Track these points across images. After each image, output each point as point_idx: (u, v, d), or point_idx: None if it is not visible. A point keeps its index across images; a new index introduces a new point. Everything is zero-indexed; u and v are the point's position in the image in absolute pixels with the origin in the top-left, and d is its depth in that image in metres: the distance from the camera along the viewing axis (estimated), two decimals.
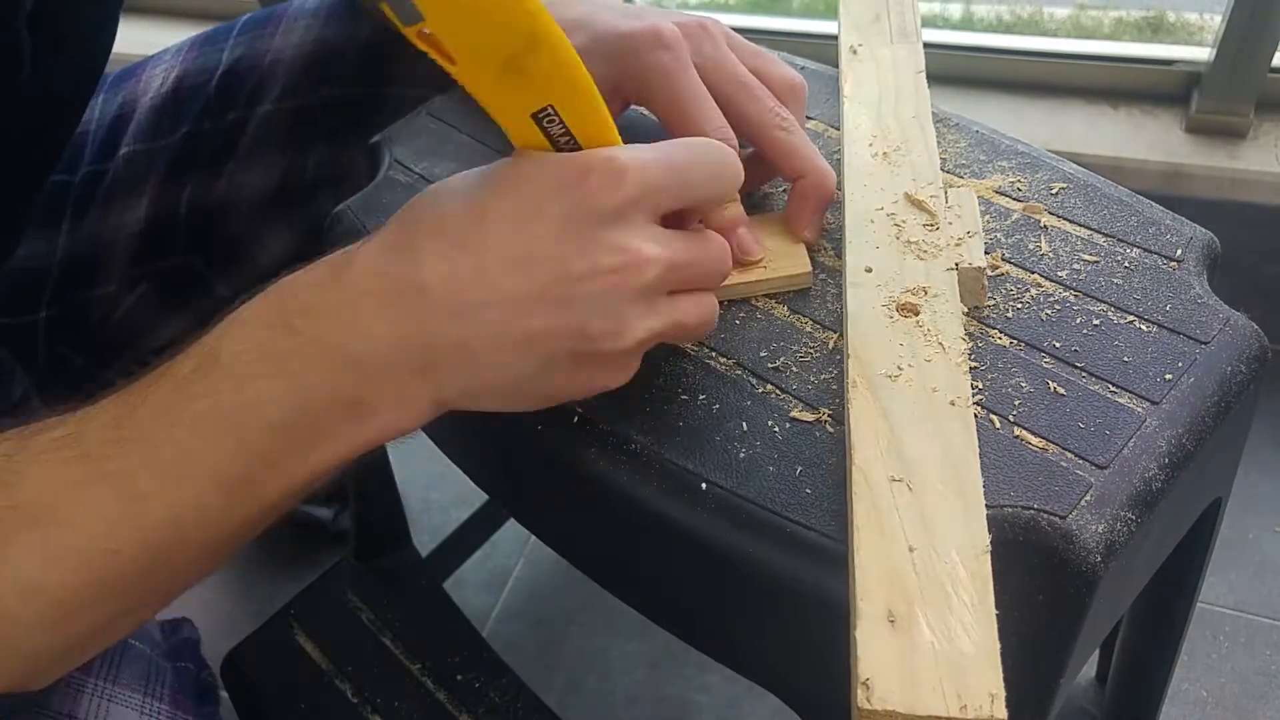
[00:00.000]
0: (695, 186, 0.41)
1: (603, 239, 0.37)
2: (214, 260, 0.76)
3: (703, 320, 0.42)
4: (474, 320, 0.37)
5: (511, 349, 0.38)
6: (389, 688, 0.68)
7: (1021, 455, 0.41)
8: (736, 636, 0.46)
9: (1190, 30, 1.37)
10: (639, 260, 0.37)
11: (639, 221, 0.38)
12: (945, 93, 1.21)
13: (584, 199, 0.37)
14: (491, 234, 0.37)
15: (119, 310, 0.76)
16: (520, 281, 0.37)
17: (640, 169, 0.38)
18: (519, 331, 0.37)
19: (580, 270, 0.37)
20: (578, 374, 0.40)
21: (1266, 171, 1.07)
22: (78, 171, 0.74)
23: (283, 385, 0.37)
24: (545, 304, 0.37)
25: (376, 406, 0.38)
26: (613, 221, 0.37)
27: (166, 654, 0.51)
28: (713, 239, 0.42)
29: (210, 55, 0.74)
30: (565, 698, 0.94)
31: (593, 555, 0.53)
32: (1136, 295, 0.47)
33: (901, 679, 0.33)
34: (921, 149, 0.53)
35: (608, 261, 0.37)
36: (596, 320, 0.38)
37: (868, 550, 0.36)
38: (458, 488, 1.12)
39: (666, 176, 0.39)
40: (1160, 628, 0.62)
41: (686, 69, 0.50)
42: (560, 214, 0.37)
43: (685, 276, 0.40)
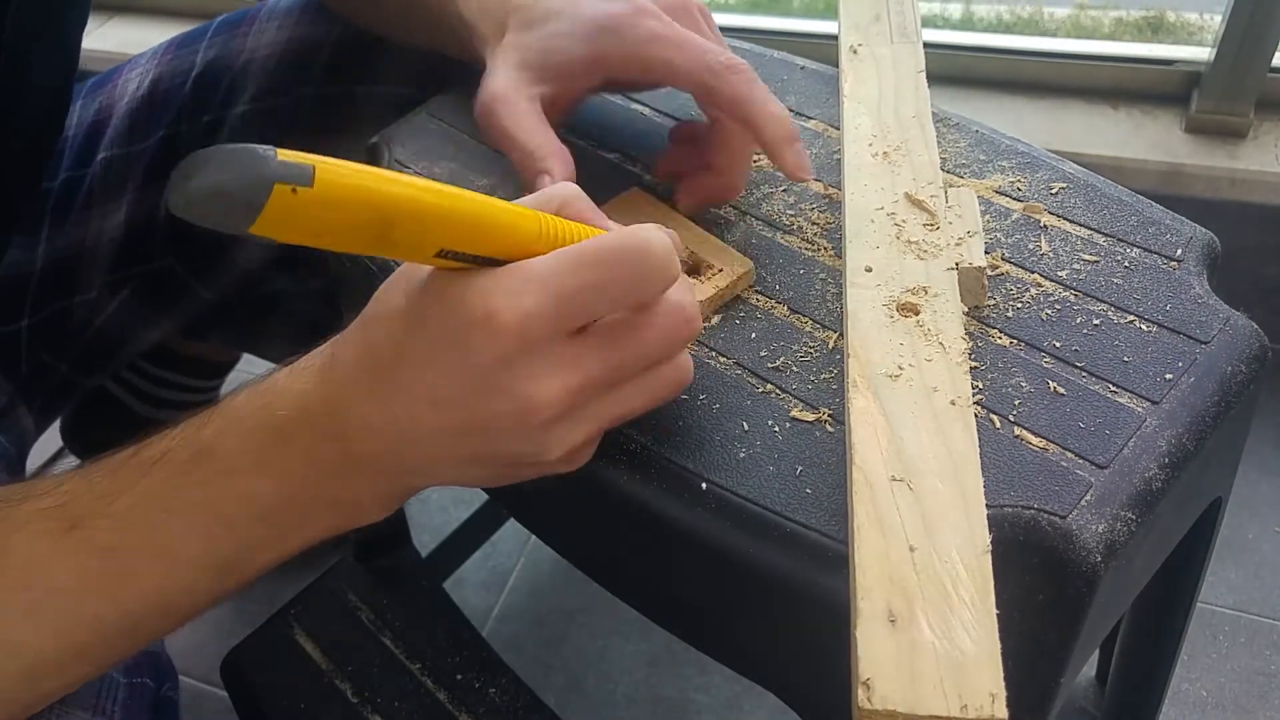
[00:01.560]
0: (603, 309, 0.38)
1: (496, 387, 0.37)
2: (194, 263, 0.76)
3: (660, 395, 0.41)
4: (419, 447, 0.39)
5: (455, 467, 0.40)
6: (389, 688, 0.68)
7: (1021, 455, 0.41)
8: (737, 636, 0.46)
9: (1190, 30, 1.36)
10: (532, 406, 0.37)
11: (533, 359, 0.37)
12: (945, 93, 1.21)
13: (470, 356, 0.37)
14: (407, 375, 0.38)
15: (101, 316, 0.76)
16: (440, 420, 0.38)
17: (518, 321, 0.36)
18: (456, 456, 0.39)
19: (484, 416, 0.37)
20: (528, 471, 0.41)
21: (1266, 171, 1.07)
22: (56, 178, 0.73)
23: (273, 483, 0.39)
24: (467, 437, 0.38)
25: (358, 500, 0.41)
26: (501, 370, 0.36)
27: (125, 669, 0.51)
28: (652, 322, 0.39)
29: (185, 58, 0.74)
30: (565, 698, 0.94)
31: (593, 555, 0.53)
32: (1136, 295, 0.47)
33: (902, 679, 0.33)
34: (921, 149, 0.53)
35: (505, 409, 0.37)
36: (517, 448, 0.38)
37: (868, 550, 0.36)
38: (458, 488, 1.11)
39: (557, 312, 0.36)
40: (1160, 628, 0.62)
41: (671, 26, 0.50)
42: (456, 364, 0.37)
43: (620, 376, 0.39)
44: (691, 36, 0.50)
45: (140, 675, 0.53)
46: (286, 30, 0.72)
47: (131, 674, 0.52)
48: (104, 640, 0.40)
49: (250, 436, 0.39)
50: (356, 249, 0.34)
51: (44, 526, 0.39)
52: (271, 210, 0.30)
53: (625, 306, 0.38)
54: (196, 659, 0.96)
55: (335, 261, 0.57)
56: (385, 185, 0.33)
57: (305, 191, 0.31)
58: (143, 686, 0.52)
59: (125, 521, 0.39)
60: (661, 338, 0.39)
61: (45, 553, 0.38)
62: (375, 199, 0.33)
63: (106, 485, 0.39)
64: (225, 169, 0.30)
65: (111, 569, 0.39)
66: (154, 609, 0.40)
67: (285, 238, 0.32)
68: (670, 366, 0.40)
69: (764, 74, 0.64)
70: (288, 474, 0.39)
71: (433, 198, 0.34)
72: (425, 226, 0.34)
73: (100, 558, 0.39)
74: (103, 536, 0.39)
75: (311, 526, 0.41)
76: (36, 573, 0.38)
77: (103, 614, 0.39)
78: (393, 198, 0.33)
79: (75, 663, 0.40)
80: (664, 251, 0.38)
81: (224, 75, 0.72)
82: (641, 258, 0.37)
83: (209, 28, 0.75)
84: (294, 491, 0.40)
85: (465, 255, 0.36)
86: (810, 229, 0.53)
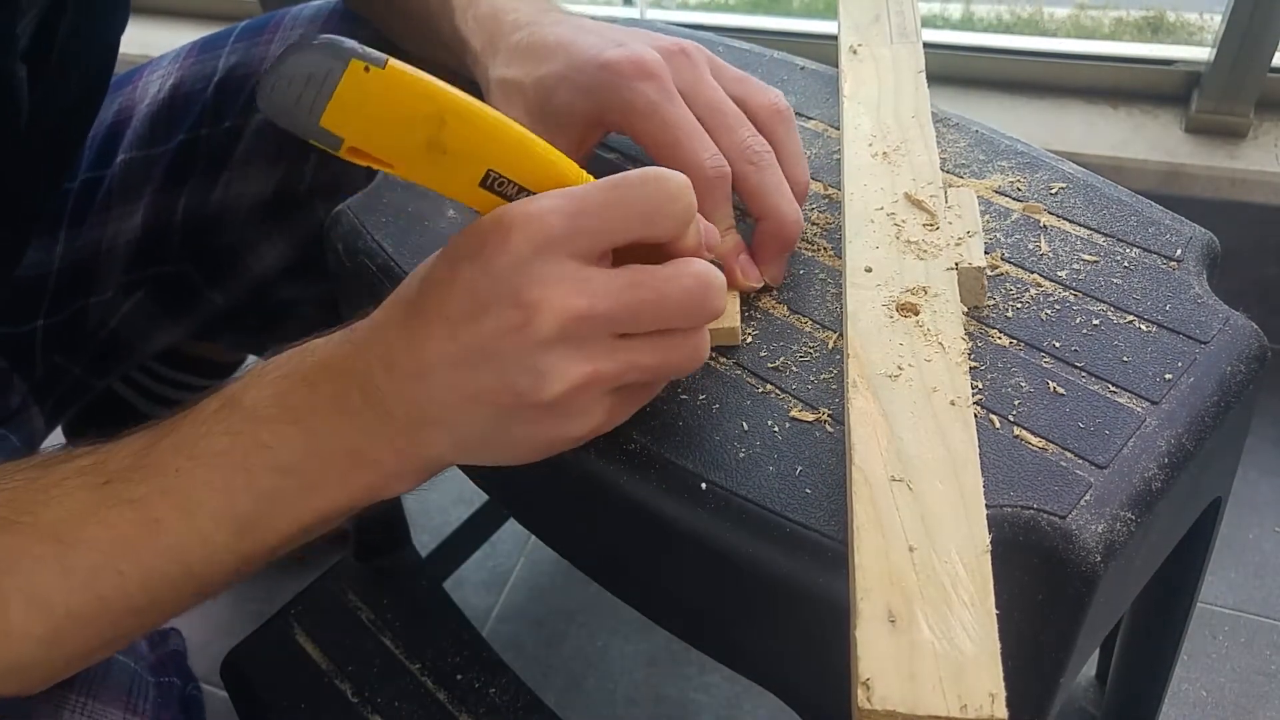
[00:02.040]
0: (619, 228, 0.39)
1: (501, 295, 0.38)
2: (209, 268, 0.76)
3: (671, 358, 0.41)
4: (428, 381, 0.39)
5: (461, 407, 0.40)
6: (389, 688, 0.68)
7: (1021, 455, 0.41)
8: (737, 636, 0.46)
9: (1190, 30, 1.36)
10: (535, 312, 0.37)
11: (543, 272, 0.38)
12: (945, 93, 1.21)
13: (483, 260, 0.38)
14: (428, 299, 0.39)
15: (115, 317, 0.76)
16: (450, 344, 0.39)
17: (529, 223, 0.38)
18: (462, 390, 0.39)
19: (489, 329, 0.38)
20: (536, 427, 0.40)
21: (1266, 171, 1.07)
22: (75, 179, 0.74)
23: (294, 430, 0.40)
24: (473, 363, 0.39)
25: (377, 458, 0.41)
26: (509, 276, 0.38)
27: (152, 667, 0.51)
28: (672, 276, 0.39)
29: (207, 62, 0.74)
30: (565, 698, 0.94)
31: (593, 555, 0.53)
32: (1136, 295, 0.47)
33: (902, 679, 0.33)
34: (921, 149, 0.53)
35: (507, 318, 0.38)
36: (517, 374, 0.38)
37: (868, 550, 0.36)
38: (458, 488, 1.12)
39: (571, 222, 0.38)
40: (1160, 628, 0.62)
41: (672, 99, 0.48)
42: (467, 275, 0.38)
43: (630, 321, 0.39)
44: (685, 123, 0.48)
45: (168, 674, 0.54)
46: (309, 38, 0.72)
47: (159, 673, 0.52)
48: (125, 598, 0.40)
49: (276, 385, 0.41)
50: (412, 157, 0.37)
51: (80, 481, 0.40)
52: (345, 89, 0.35)
53: (646, 235, 0.39)
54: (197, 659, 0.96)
55: (335, 260, 0.57)
56: (446, 87, 0.37)
57: (377, 72, 0.35)
58: (170, 685, 0.53)
59: (152, 472, 0.40)
60: (680, 293, 0.39)
61: (78, 506, 0.39)
62: (434, 91, 0.36)
63: (141, 441, 0.41)
64: (309, 47, 0.35)
65: (138, 519, 0.39)
66: (174, 565, 0.40)
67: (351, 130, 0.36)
68: (685, 336, 0.41)
69: (764, 74, 0.64)
70: (310, 419, 0.40)
71: (484, 108, 0.38)
72: (476, 127, 0.37)
73: (128, 509, 0.39)
74: (132, 488, 0.39)
75: (332, 485, 0.41)
76: (68, 525, 0.39)
77: (126, 569, 0.39)
78: (450, 94, 0.37)
79: (95, 623, 0.40)
80: (680, 181, 0.40)
81: (246, 82, 0.72)
82: (659, 182, 0.39)
83: (232, 32, 0.75)
84: (315, 440, 0.40)
85: (511, 186, 0.39)
86: (810, 229, 0.53)
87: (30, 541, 0.39)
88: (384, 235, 0.55)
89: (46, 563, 0.39)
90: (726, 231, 0.49)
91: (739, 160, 0.48)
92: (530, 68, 0.52)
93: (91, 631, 0.40)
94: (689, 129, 0.48)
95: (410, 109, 0.36)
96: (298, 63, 0.35)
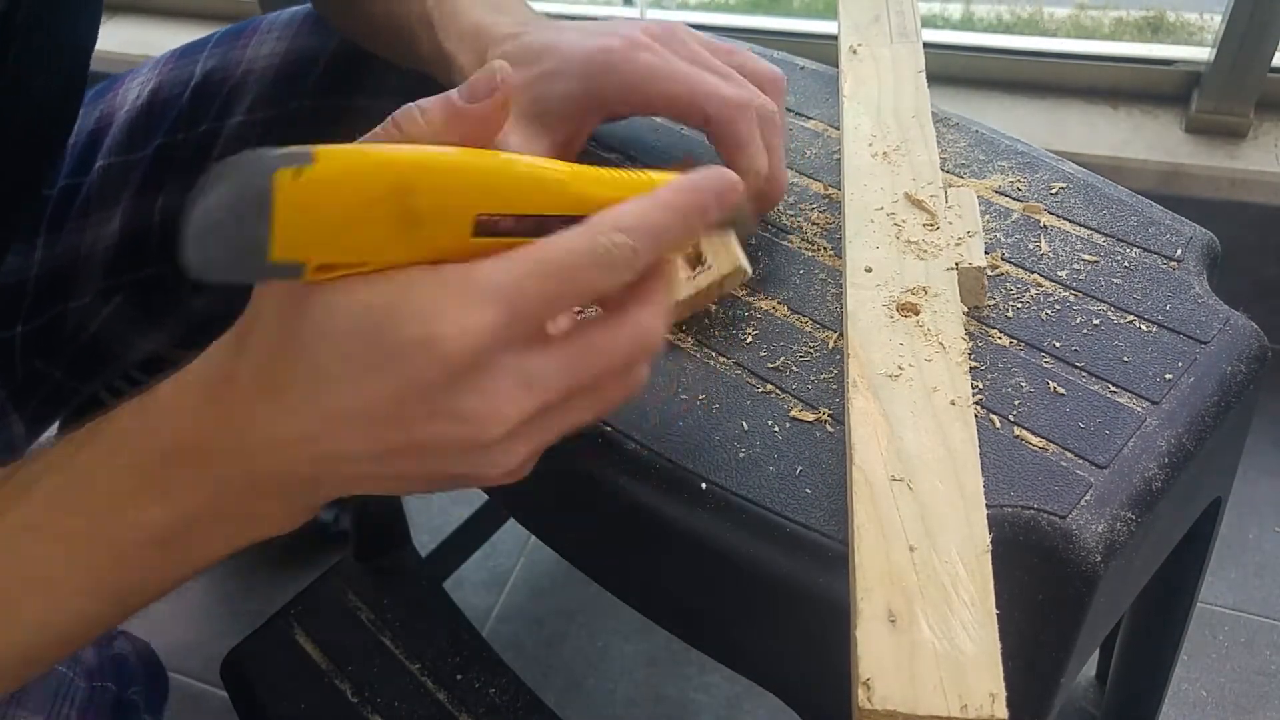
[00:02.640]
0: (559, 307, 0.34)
1: (440, 409, 0.33)
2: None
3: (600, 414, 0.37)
4: (343, 465, 0.35)
5: (381, 483, 0.36)
6: (389, 688, 0.68)
7: (1021, 455, 0.41)
8: (736, 636, 0.46)
9: (1190, 30, 1.37)
10: (481, 429, 0.33)
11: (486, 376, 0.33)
12: (945, 93, 1.21)
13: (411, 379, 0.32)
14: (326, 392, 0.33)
15: (95, 322, 0.76)
16: (368, 440, 0.34)
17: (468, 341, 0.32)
18: (382, 474, 0.36)
19: (422, 438, 0.34)
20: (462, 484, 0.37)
21: (1266, 171, 1.07)
22: (54, 185, 0.74)
23: (162, 510, 0.35)
24: (399, 457, 0.34)
25: (267, 514, 0.37)
26: (448, 392, 0.33)
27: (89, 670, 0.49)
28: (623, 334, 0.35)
29: (185, 67, 0.74)
30: (565, 698, 0.94)
31: (593, 555, 0.53)
32: (1136, 295, 0.47)
33: (902, 679, 0.33)
34: (921, 149, 0.53)
35: (449, 432, 0.33)
36: (458, 468, 0.35)
37: (868, 550, 0.36)
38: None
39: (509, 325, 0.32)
40: (1160, 628, 0.62)
41: (671, 60, 0.49)
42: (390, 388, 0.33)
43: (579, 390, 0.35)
44: (689, 69, 0.48)
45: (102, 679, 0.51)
46: (285, 42, 0.72)
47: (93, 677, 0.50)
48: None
49: (133, 462, 0.36)
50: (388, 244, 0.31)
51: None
52: (282, 208, 0.28)
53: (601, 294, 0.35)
54: (196, 659, 0.96)
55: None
56: (392, 150, 0.31)
57: (308, 171, 0.29)
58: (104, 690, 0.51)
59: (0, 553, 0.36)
60: (626, 355, 0.36)
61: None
62: (384, 163, 0.30)
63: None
64: (219, 178, 0.28)
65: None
66: (43, 637, 0.37)
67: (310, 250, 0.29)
68: (623, 380, 0.37)
69: None
70: (180, 499, 0.35)
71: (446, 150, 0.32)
72: (450, 185, 0.31)
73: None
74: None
75: (214, 547, 0.37)
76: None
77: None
78: (403, 155, 0.31)
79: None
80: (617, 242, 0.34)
81: (222, 86, 0.72)
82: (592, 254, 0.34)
83: (211, 38, 0.75)
84: (190, 515, 0.36)
85: (506, 221, 0.33)
86: (810, 229, 0.53)
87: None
88: None
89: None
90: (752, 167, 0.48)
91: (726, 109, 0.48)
92: (521, 72, 0.52)
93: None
94: (696, 74, 0.48)
95: (366, 193, 0.30)
96: (213, 203, 0.28)
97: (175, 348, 0.82)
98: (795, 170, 0.56)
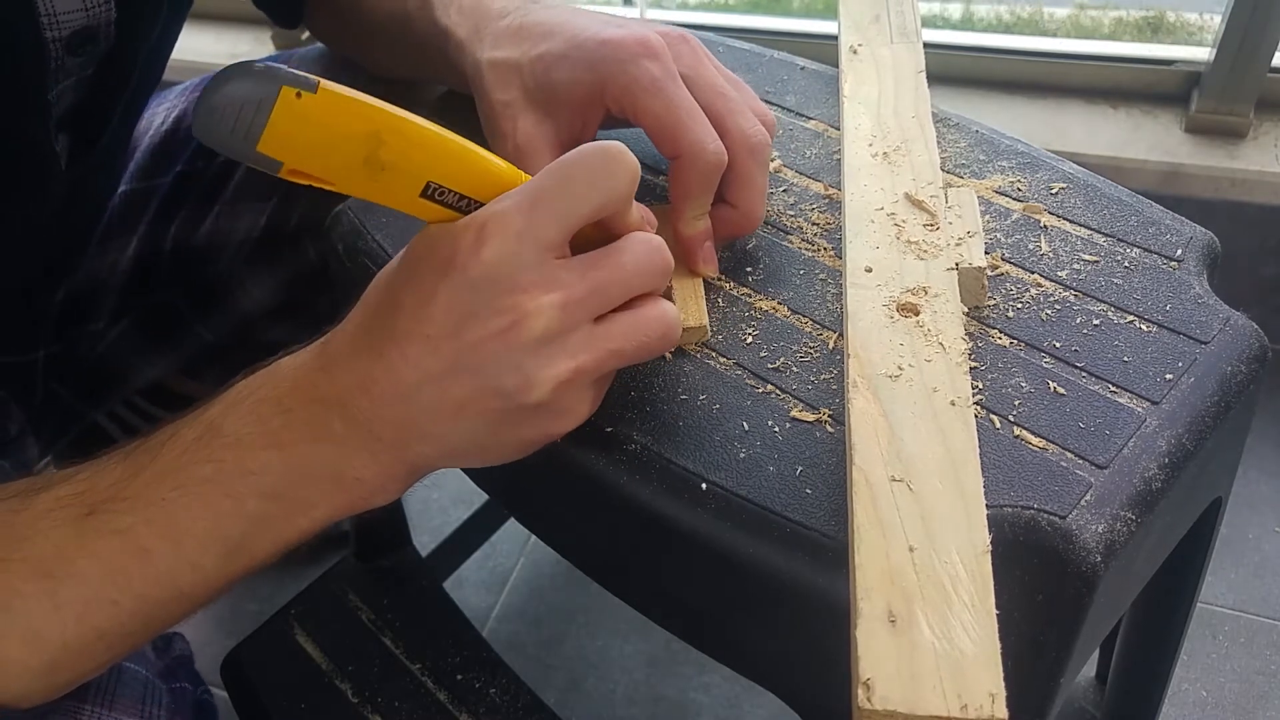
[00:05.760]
0: (574, 208, 0.40)
1: (485, 302, 0.38)
2: (196, 299, 0.77)
3: (646, 336, 0.41)
4: (412, 401, 0.40)
5: (449, 419, 0.40)
6: (389, 688, 0.68)
7: (1021, 455, 0.41)
8: (737, 636, 0.46)
9: (1190, 30, 1.37)
10: (522, 314, 0.38)
11: (520, 272, 0.39)
12: (945, 93, 1.21)
13: (458, 272, 0.39)
14: (402, 320, 0.40)
15: (103, 344, 0.76)
16: (432, 359, 0.39)
17: (496, 229, 0.38)
18: (449, 402, 0.40)
19: (474, 337, 0.39)
20: (524, 428, 0.41)
21: (1266, 171, 1.07)
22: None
23: (276, 455, 0.40)
24: (457, 374, 0.39)
25: (361, 476, 0.41)
26: (489, 283, 0.38)
27: (161, 673, 0.51)
28: (624, 248, 0.41)
29: None
30: (565, 698, 0.94)
31: (593, 555, 0.53)
32: (1136, 295, 0.47)
33: (902, 679, 0.33)
34: (921, 149, 0.53)
35: (494, 323, 0.38)
36: (504, 377, 0.39)
37: (868, 550, 0.36)
38: (458, 487, 1.12)
39: (532, 217, 0.39)
40: (1160, 628, 0.62)
41: (675, 79, 0.48)
42: (446, 290, 0.39)
43: (602, 300, 0.40)
44: (687, 103, 0.48)
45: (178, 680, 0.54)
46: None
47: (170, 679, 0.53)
48: (120, 626, 0.40)
49: (253, 411, 0.41)
50: (350, 176, 0.37)
51: (63, 514, 0.39)
52: (279, 116, 0.35)
53: (598, 210, 0.40)
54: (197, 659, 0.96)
55: (335, 261, 0.57)
56: (379, 104, 0.37)
57: (309, 96, 0.35)
58: (183, 691, 0.53)
59: (138, 502, 0.40)
60: (636, 261, 0.41)
61: (65, 539, 0.39)
62: (369, 111, 0.37)
63: (121, 470, 0.40)
64: (240, 75, 0.35)
65: (127, 550, 0.39)
66: (166, 591, 0.40)
67: (288, 154, 0.35)
68: (652, 305, 0.42)
69: (764, 74, 0.64)
70: (290, 445, 0.40)
71: (420, 123, 0.38)
72: (413, 143, 0.38)
73: (116, 539, 0.39)
74: (118, 519, 0.39)
75: (317, 505, 0.41)
76: (57, 559, 0.39)
77: (119, 599, 0.40)
78: (384, 113, 0.37)
79: (92, 651, 0.41)
80: (617, 148, 0.40)
81: None
82: (603, 154, 0.40)
83: None
84: (297, 463, 0.40)
85: (451, 195, 0.39)
86: (810, 229, 0.53)
87: (19, 579, 0.39)
88: (384, 235, 0.55)
89: (38, 599, 0.39)
90: (699, 217, 0.49)
91: (739, 147, 0.48)
92: (526, 47, 0.51)
93: (87, 658, 0.41)
94: (691, 110, 0.48)
95: (345, 129, 0.36)
96: (228, 93, 0.35)
97: (180, 375, 0.82)
98: (795, 170, 0.56)
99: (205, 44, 1.46)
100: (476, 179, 0.40)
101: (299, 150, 0.36)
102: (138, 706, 0.48)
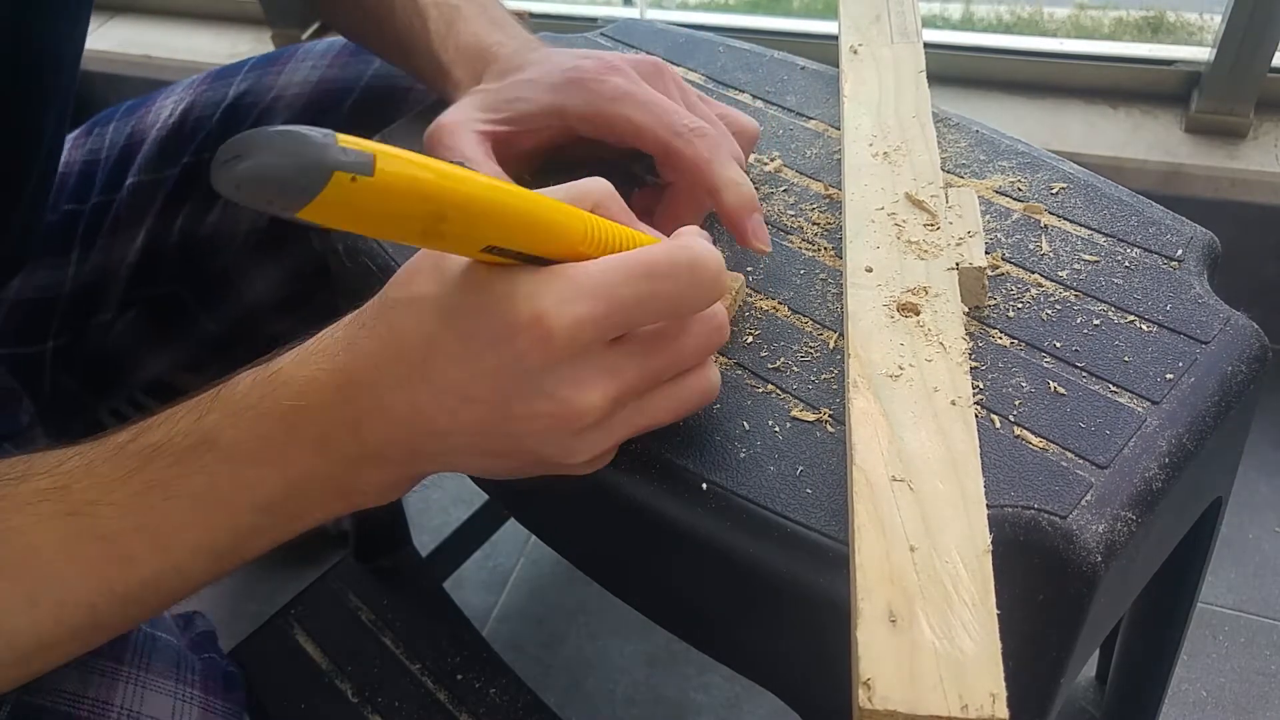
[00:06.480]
0: (645, 320, 0.38)
1: (537, 389, 0.37)
2: (201, 291, 0.77)
3: (687, 408, 0.41)
4: (441, 441, 0.39)
5: (473, 459, 0.40)
6: (389, 688, 0.68)
7: (1022, 455, 0.41)
8: (737, 636, 0.46)
9: (1190, 30, 1.37)
10: (573, 411, 0.37)
11: (578, 369, 0.37)
12: (945, 93, 1.21)
13: (515, 358, 0.36)
14: (445, 369, 0.37)
15: (108, 335, 0.76)
16: (470, 416, 0.37)
17: (570, 328, 0.36)
18: (478, 451, 0.39)
19: (520, 414, 0.37)
20: (547, 470, 0.40)
21: (1266, 171, 1.07)
22: (88, 202, 0.74)
23: (277, 473, 0.39)
24: (496, 436, 0.38)
25: (363, 489, 0.40)
26: (546, 374, 0.36)
27: (189, 646, 0.52)
28: (690, 331, 0.39)
29: (219, 89, 0.75)
30: (565, 698, 0.94)
31: (593, 555, 0.53)
32: (1137, 295, 0.47)
33: (902, 679, 0.33)
34: (922, 149, 0.53)
35: (544, 409, 0.37)
36: (547, 449, 0.38)
37: (868, 550, 0.36)
38: (458, 487, 1.12)
39: (604, 324, 0.36)
40: (1160, 628, 0.62)
41: (640, 84, 0.49)
42: (495, 365, 0.37)
43: (654, 383, 0.39)
44: (658, 97, 0.49)
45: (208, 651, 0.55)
46: (319, 70, 0.72)
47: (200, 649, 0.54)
48: (96, 623, 0.40)
49: (254, 427, 0.39)
50: (400, 238, 0.33)
51: (43, 510, 0.38)
52: (326, 197, 0.29)
53: (671, 317, 0.39)
54: None
55: (335, 261, 0.57)
56: (443, 179, 0.32)
57: (365, 181, 0.30)
58: (213, 661, 0.54)
59: (125, 509, 0.39)
60: (696, 345, 0.40)
61: (45, 538, 0.38)
62: (432, 191, 0.32)
63: (107, 470, 0.39)
64: (280, 152, 0.28)
65: (110, 556, 0.39)
66: (147, 592, 0.40)
67: (332, 223, 0.31)
68: (697, 375, 0.41)
69: (764, 74, 0.64)
70: (293, 465, 0.39)
71: (487, 193, 0.34)
72: (477, 221, 0.34)
73: (99, 544, 0.38)
74: (102, 524, 0.38)
75: (313, 514, 0.41)
76: (35, 559, 0.38)
77: (98, 602, 0.39)
78: (449, 191, 0.33)
79: (66, 647, 0.40)
80: (715, 266, 0.38)
81: (252, 109, 0.73)
82: (692, 272, 0.38)
83: (247, 62, 0.76)
84: (298, 481, 0.39)
85: (511, 252, 0.36)
86: (810, 229, 0.53)
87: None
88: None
89: (14, 597, 0.38)
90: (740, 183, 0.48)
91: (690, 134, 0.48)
92: (504, 79, 0.53)
93: (60, 653, 0.41)
94: (664, 103, 0.48)
95: (404, 210, 0.32)
96: (265, 171, 0.28)
97: (184, 370, 0.82)
98: (796, 170, 0.56)
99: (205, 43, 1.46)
100: (541, 242, 0.37)
101: (347, 221, 0.31)
102: (172, 671, 0.48)
